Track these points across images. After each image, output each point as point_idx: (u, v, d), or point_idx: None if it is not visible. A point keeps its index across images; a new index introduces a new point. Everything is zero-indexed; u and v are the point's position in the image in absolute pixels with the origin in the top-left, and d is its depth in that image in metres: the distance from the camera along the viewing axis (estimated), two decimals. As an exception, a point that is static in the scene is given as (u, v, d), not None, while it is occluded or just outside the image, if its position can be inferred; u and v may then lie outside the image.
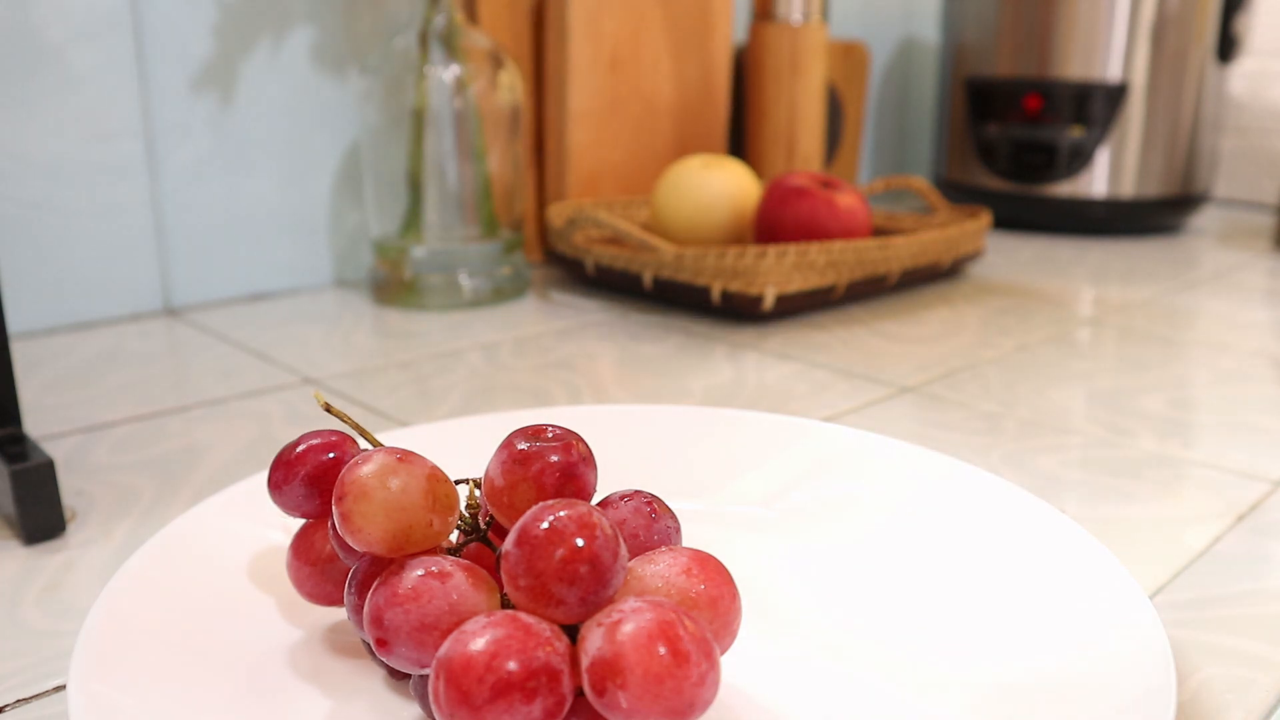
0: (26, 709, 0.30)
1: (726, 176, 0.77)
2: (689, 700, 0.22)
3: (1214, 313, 0.70)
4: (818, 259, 0.69)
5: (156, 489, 0.44)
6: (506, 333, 0.67)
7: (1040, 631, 0.29)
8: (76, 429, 0.50)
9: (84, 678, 0.25)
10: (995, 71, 1.04)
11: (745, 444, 0.41)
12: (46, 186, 0.66)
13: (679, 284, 0.70)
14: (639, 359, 0.61)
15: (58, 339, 0.65)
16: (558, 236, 0.78)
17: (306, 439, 0.30)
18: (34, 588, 0.36)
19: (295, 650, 0.30)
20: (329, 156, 0.77)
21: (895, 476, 0.38)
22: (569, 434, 0.28)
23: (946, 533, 0.35)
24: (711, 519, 0.38)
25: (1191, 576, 0.37)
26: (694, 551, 0.27)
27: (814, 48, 0.93)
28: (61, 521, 0.39)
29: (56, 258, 0.67)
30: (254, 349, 0.63)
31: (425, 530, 0.26)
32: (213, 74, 0.71)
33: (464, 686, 0.22)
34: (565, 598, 0.23)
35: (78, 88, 0.65)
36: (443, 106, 0.72)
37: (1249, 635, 0.33)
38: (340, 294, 0.77)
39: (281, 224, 0.76)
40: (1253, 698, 0.30)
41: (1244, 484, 0.44)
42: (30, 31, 0.63)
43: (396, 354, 0.62)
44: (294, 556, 0.30)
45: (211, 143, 0.72)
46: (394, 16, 0.78)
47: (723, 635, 0.26)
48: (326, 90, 0.76)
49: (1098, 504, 0.42)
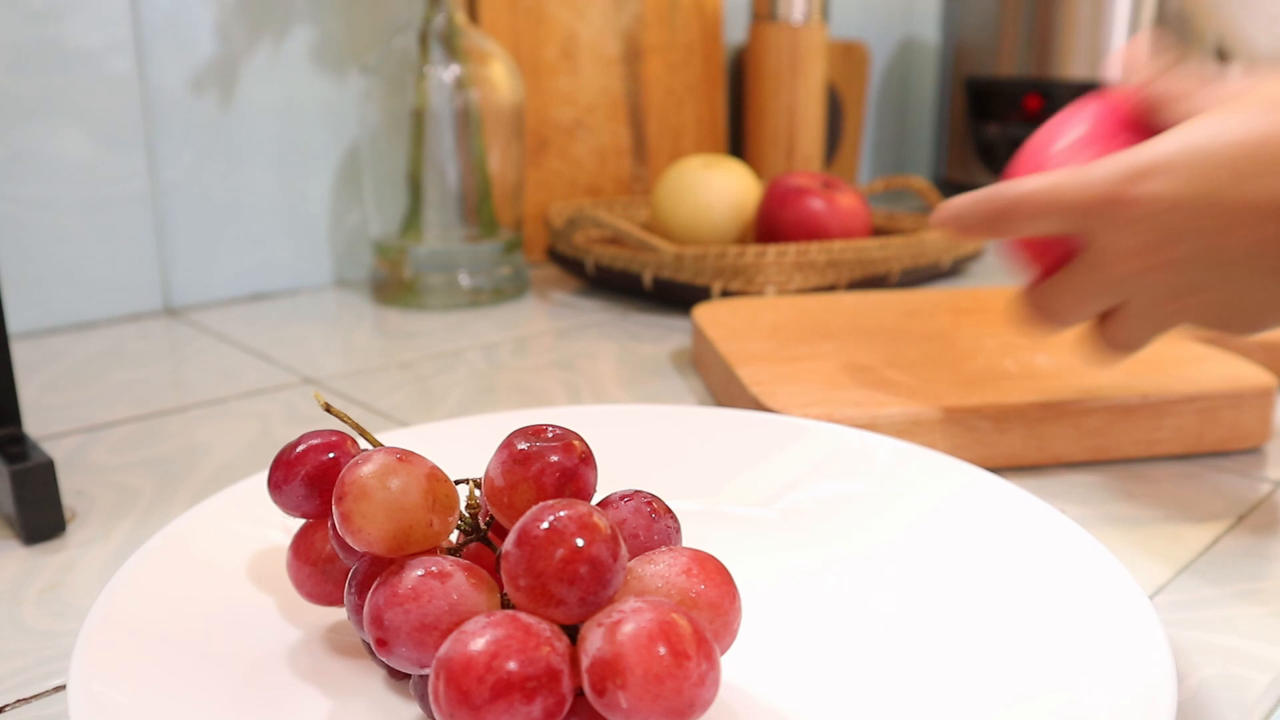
0: (26, 709, 0.30)
1: (726, 176, 0.77)
2: (689, 700, 0.22)
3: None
4: (818, 259, 0.69)
5: (156, 489, 0.44)
6: (506, 333, 0.67)
7: (1040, 631, 0.29)
8: (76, 429, 0.50)
9: (84, 678, 0.25)
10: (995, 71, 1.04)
11: (745, 444, 0.41)
12: (46, 186, 0.66)
13: (679, 284, 0.70)
14: (639, 359, 0.61)
15: (58, 339, 0.65)
16: (558, 236, 0.78)
17: (306, 439, 0.30)
18: (34, 588, 0.36)
19: (295, 650, 0.30)
20: (329, 156, 0.77)
21: (895, 476, 0.38)
22: (569, 434, 0.28)
23: (946, 532, 0.35)
24: (711, 519, 0.38)
25: (1191, 576, 0.37)
26: (694, 551, 0.27)
27: (814, 48, 0.93)
28: (61, 521, 0.39)
29: (56, 258, 0.67)
30: (254, 349, 0.63)
31: (425, 530, 0.26)
32: (213, 74, 0.71)
33: (464, 686, 0.22)
34: (565, 598, 0.23)
35: (78, 87, 0.65)
36: (443, 106, 0.72)
37: (1249, 635, 0.33)
38: (340, 294, 0.77)
39: (281, 224, 0.76)
40: (1253, 698, 0.30)
41: (1244, 484, 0.44)
42: (30, 31, 0.63)
43: (396, 354, 0.62)
44: (294, 556, 0.30)
45: (212, 143, 0.72)
46: (394, 16, 0.78)
47: (723, 635, 0.26)
48: (326, 90, 0.76)
49: (1098, 503, 0.42)
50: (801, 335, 0.55)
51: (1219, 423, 0.46)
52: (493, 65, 0.73)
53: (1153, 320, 0.38)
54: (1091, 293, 0.39)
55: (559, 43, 0.85)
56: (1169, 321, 0.38)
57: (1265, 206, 0.34)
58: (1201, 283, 0.36)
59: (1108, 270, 0.37)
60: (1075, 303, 0.39)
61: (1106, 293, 0.38)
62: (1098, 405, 0.45)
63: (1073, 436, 0.45)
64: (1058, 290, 0.40)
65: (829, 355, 0.52)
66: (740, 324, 0.57)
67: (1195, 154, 0.35)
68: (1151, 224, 0.36)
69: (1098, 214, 0.36)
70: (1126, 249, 0.36)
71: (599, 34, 0.88)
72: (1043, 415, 0.45)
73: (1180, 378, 0.47)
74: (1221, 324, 0.38)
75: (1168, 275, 0.36)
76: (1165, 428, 0.46)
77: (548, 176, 0.87)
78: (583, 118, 0.88)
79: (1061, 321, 0.40)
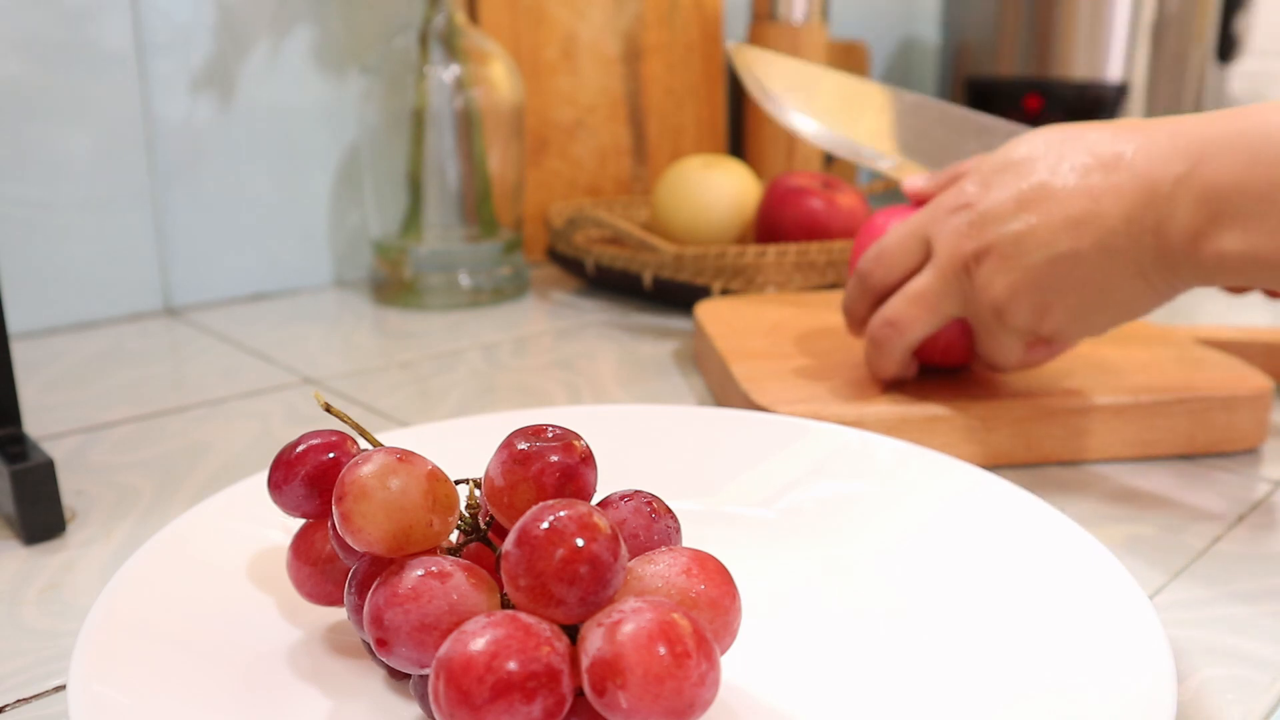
0: (26, 709, 0.30)
1: (726, 176, 0.77)
2: (689, 700, 0.22)
3: (1212, 313, 0.70)
4: (818, 259, 0.69)
5: (156, 489, 0.44)
6: (506, 333, 0.67)
7: (1040, 631, 0.29)
8: (76, 429, 0.50)
9: (84, 678, 0.25)
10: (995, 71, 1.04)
11: (745, 444, 0.41)
12: (47, 186, 0.66)
13: (679, 284, 0.70)
14: (639, 359, 0.61)
15: (58, 339, 0.65)
16: (558, 236, 0.78)
17: (306, 439, 0.30)
18: (34, 588, 0.36)
19: (295, 650, 0.30)
20: (329, 156, 0.77)
21: (895, 476, 0.38)
22: (569, 434, 0.28)
23: (946, 532, 0.35)
24: (711, 519, 0.38)
25: (1191, 577, 0.37)
26: (694, 551, 0.27)
27: (814, 48, 0.93)
28: (61, 521, 0.39)
29: (56, 258, 0.67)
30: (254, 349, 0.63)
31: (425, 530, 0.26)
32: (213, 74, 0.71)
33: (464, 686, 0.22)
34: (565, 598, 0.23)
35: (78, 87, 0.65)
36: (443, 106, 0.72)
37: (1249, 635, 0.33)
38: (340, 294, 0.77)
39: (281, 224, 0.76)
40: (1253, 698, 0.30)
41: (1244, 484, 0.44)
42: (30, 31, 0.63)
43: (396, 354, 0.62)
44: (294, 556, 0.30)
45: (211, 143, 0.72)
46: (394, 16, 0.78)
47: (723, 635, 0.26)
48: (326, 90, 0.76)
49: (1097, 503, 0.42)
50: (800, 333, 0.55)
51: (1212, 425, 0.46)
52: (493, 65, 0.73)
53: (1005, 331, 0.43)
54: (983, 335, 0.44)
55: (559, 43, 0.85)
56: (1022, 320, 0.42)
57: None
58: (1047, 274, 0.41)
59: (984, 312, 0.43)
60: (984, 345, 0.45)
61: (988, 325, 0.43)
62: (1088, 406, 0.45)
63: (1062, 436, 0.45)
64: (902, 299, 0.45)
65: (826, 354, 0.52)
66: (741, 321, 0.57)
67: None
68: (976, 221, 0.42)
69: (959, 280, 0.43)
70: (990, 293, 0.42)
71: (599, 34, 0.88)
72: (1032, 415, 0.45)
73: (1174, 379, 0.47)
74: (1076, 319, 0.42)
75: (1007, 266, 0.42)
76: (1158, 429, 0.46)
77: (548, 176, 0.87)
78: (583, 118, 0.88)
79: (904, 332, 0.45)
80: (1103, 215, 0.39)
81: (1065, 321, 0.42)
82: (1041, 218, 0.40)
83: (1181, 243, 0.38)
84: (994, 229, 0.41)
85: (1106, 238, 0.39)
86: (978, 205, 0.42)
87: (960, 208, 0.43)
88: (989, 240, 0.42)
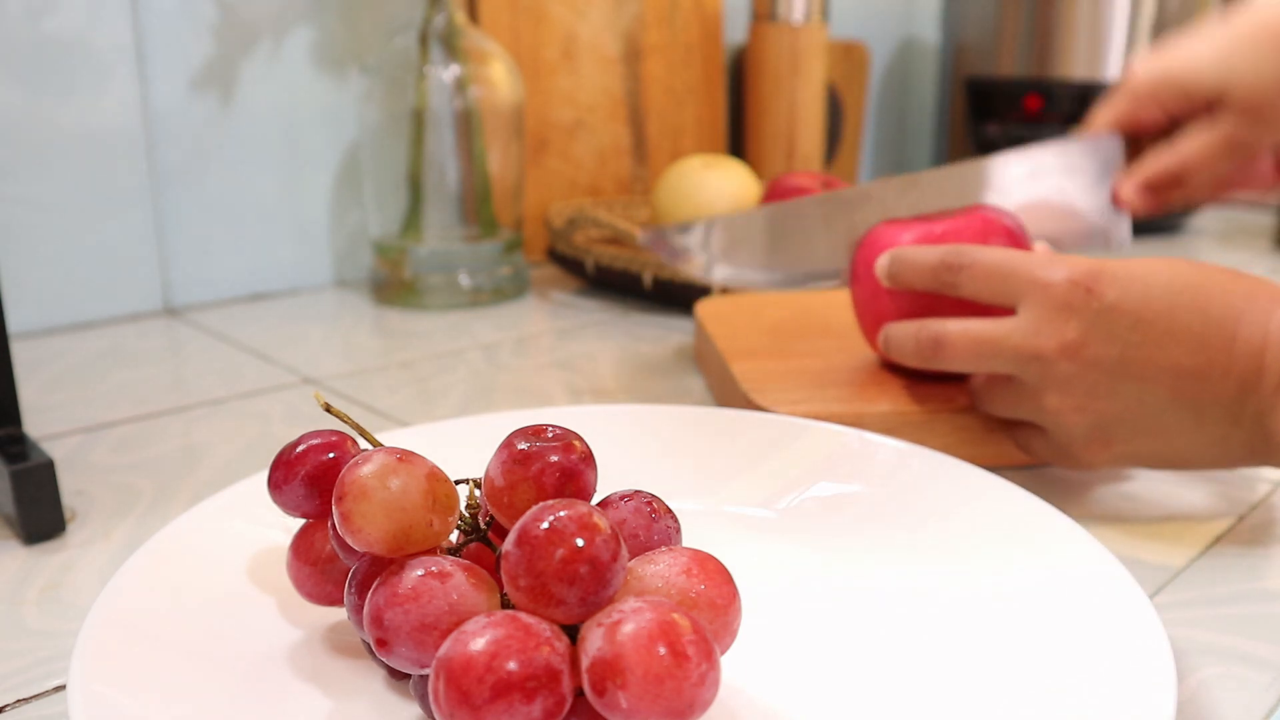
0: (26, 709, 0.30)
1: (726, 176, 0.77)
2: (689, 700, 0.22)
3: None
4: (818, 259, 0.69)
5: (156, 489, 0.44)
6: (506, 333, 0.67)
7: (1040, 631, 0.29)
8: (76, 429, 0.50)
9: (84, 678, 0.25)
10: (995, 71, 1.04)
11: (745, 444, 0.41)
12: (46, 186, 0.66)
13: (679, 284, 0.70)
14: (639, 359, 0.61)
15: (58, 339, 0.65)
16: (558, 236, 0.78)
17: (306, 439, 0.30)
18: (34, 588, 0.36)
19: (295, 650, 0.30)
20: (329, 156, 0.77)
21: (895, 476, 0.38)
22: (569, 434, 0.28)
23: (946, 532, 0.35)
24: (711, 519, 0.38)
25: (1191, 576, 0.37)
26: (694, 551, 0.27)
27: (814, 48, 0.93)
28: (61, 521, 0.39)
29: (56, 258, 0.67)
30: (254, 349, 0.63)
31: (425, 530, 0.26)
32: (213, 74, 0.71)
33: (464, 686, 0.22)
34: (565, 598, 0.23)
35: (78, 88, 0.65)
36: (443, 106, 0.72)
37: (1249, 635, 0.33)
38: (340, 294, 0.77)
39: (281, 224, 0.76)
40: (1253, 698, 0.30)
41: (1244, 484, 0.44)
42: (30, 32, 0.63)
43: (396, 354, 0.62)
44: (294, 556, 0.30)
45: (211, 143, 0.72)
46: (394, 16, 0.78)
47: (723, 635, 0.26)
48: (326, 90, 0.76)
49: (1097, 503, 0.42)
50: (800, 332, 0.55)
51: None
52: (493, 65, 0.73)
53: (1077, 446, 0.41)
54: (1016, 406, 0.42)
55: (559, 43, 0.85)
56: (1093, 449, 0.41)
57: (1184, 333, 0.38)
58: (1124, 405, 0.39)
59: (1036, 400, 0.41)
60: (1004, 409, 0.43)
61: (1030, 411, 0.42)
62: None
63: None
64: (997, 394, 0.43)
65: (826, 354, 0.52)
66: (742, 320, 0.57)
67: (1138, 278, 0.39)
68: (1084, 375, 0.39)
69: (1034, 362, 0.40)
70: (1058, 394, 0.40)
71: (599, 34, 0.88)
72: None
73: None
74: (1155, 457, 0.41)
75: (1093, 404, 0.40)
76: None
77: (548, 176, 0.87)
78: (583, 118, 0.88)
79: (944, 359, 0.43)
80: (1203, 409, 0.38)
81: (1125, 457, 0.41)
82: (1136, 392, 0.39)
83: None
84: (1083, 387, 0.40)
85: (1203, 425, 0.39)
86: (1080, 354, 0.39)
87: (1065, 348, 0.39)
88: (1078, 397, 0.40)
